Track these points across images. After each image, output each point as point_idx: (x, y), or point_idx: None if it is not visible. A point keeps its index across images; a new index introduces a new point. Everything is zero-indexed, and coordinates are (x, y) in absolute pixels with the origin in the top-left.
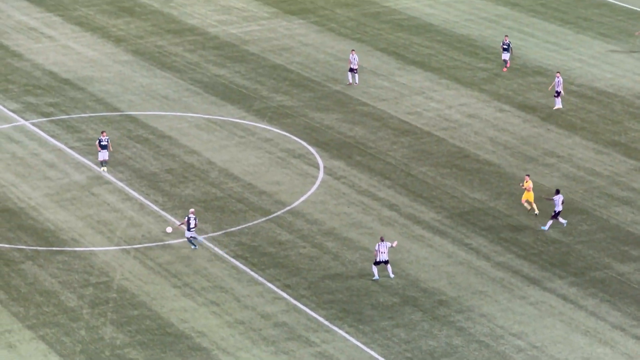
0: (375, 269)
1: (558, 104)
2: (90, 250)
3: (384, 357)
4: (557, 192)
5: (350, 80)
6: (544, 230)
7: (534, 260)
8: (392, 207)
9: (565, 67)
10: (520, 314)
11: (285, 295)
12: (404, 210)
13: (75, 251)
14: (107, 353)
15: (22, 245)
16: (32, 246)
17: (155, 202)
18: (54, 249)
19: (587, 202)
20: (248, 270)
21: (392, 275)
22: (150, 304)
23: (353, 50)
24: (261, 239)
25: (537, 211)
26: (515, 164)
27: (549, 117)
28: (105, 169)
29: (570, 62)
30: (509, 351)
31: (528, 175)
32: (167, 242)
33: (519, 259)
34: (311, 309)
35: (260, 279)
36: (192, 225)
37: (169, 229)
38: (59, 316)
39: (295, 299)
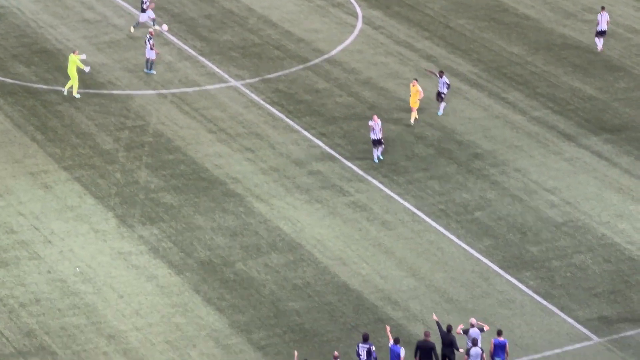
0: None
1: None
2: (127, 93)
3: (417, 208)
4: (442, 73)
5: None
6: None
7: (569, 116)
8: (429, 58)
9: None
10: (554, 170)
11: (320, 143)
12: (441, 62)
13: (112, 94)
14: (141, 196)
15: (59, 86)
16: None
17: (194, 47)
18: (91, 91)
19: (625, 60)
20: (284, 117)
21: (377, 159)
22: (185, 149)
23: None
24: (298, 87)
25: (413, 120)
26: (554, 18)
27: None
28: (134, 29)
29: None
30: (542, 206)
31: (416, 80)
32: (203, 88)
33: (555, 114)
34: (346, 158)
35: (296, 126)
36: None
37: (165, 27)
38: (94, 158)
39: (331, 147)
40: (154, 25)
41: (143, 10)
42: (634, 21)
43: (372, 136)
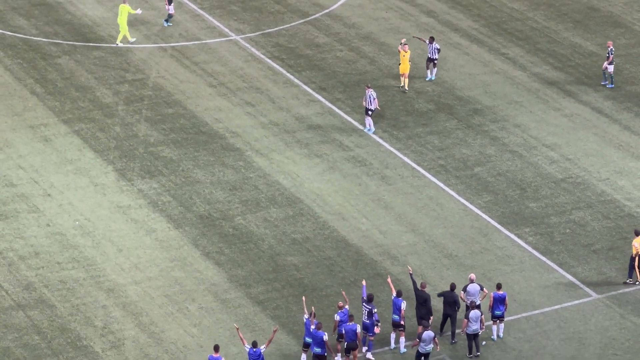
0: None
1: None
2: (126, 47)
3: (417, 163)
4: (432, 39)
5: None
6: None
7: (570, 72)
8: (429, 13)
9: None
10: (554, 126)
11: (320, 98)
12: (442, 17)
13: (112, 47)
14: (140, 150)
15: (59, 39)
16: (69, 41)
17: (194, 1)
18: (90, 44)
19: (626, 16)
20: (284, 71)
21: (367, 129)
22: (185, 103)
23: None
24: (298, 41)
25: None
26: None
27: None
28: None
29: None
30: (542, 162)
31: (406, 44)
32: (203, 42)
33: (555, 70)
34: (346, 113)
35: (296, 80)
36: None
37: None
38: (94, 112)
39: (331, 102)
40: None
41: None
42: None
43: (365, 104)
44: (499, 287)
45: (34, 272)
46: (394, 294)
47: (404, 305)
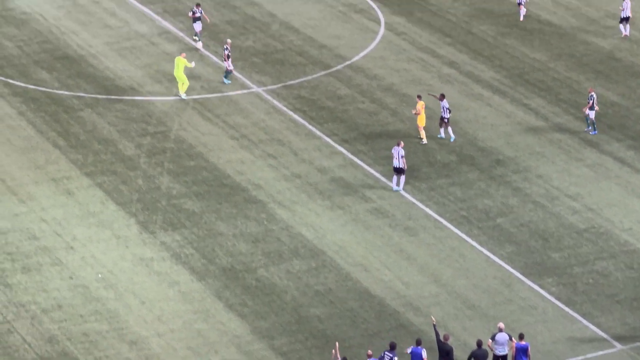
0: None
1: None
2: (148, 99)
3: (439, 214)
4: (443, 96)
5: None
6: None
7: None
8: (451, 64)
9: None
10: (576, 176)
11: (342, 149)
12: (464, 68)
13: (134, 100)
14: (163, 202)
15: (81, 92)
16: (91, 94)
17: (216, 53)
18: (112, 97)
19: None
20: (306, 123)
21: (396, 188)
22: (207, 155)
23: None
24: (320, 93)
25: (424, 140)
26: (577, 25)
27: None
28: (198, 40)
29: None
30: (564, 212)
31: (419, 97)
32: (225, 94)
33: (577, 120)
34: (368, 165)
35: (318, 132)
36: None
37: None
38: (116, 164)
39: (353, 154)
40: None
41: (194, 21)
42: None
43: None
44: (521, 337)
45: (56, 325)
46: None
47: (424, 353)
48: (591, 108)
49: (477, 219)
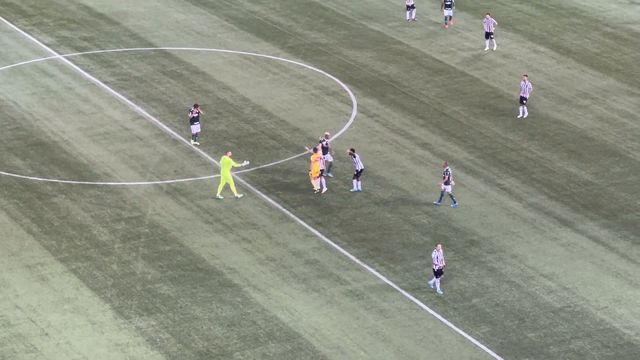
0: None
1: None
2: (122, 184)
3: (414, 296)
4: (353, 151)
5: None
6: (355, 192)
7: (565, 202)
8: (424, 146)
9: (601, 9)
10: (551, 255)
11: (316, 232)
12: (437, 150)
13: (107, 185)
14: (138, 288)
15: (55, 178)
16: (65, 180)
17: (189, 137)
18: (86, 183)
19: (620, 145)
20: (280, 207)
21: (439, 292)
22: (182, 240)
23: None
24: (293, 176)
25: (316, 188)
26: (549, 104)
27: (584, 58)
28: (195, 142)
29: (606, 3)
30: (540, 292)
31: (314, 149)
32: (199, 178)
33: (551, 200)
34: (342, 247)
35: (292, 216)
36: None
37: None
38: (91, 250)
39: (327, 236)
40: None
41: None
42: (628, 106)
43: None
44: None
45: None
46: None
47: None
48: (446, 183)
49: (452, 299)
